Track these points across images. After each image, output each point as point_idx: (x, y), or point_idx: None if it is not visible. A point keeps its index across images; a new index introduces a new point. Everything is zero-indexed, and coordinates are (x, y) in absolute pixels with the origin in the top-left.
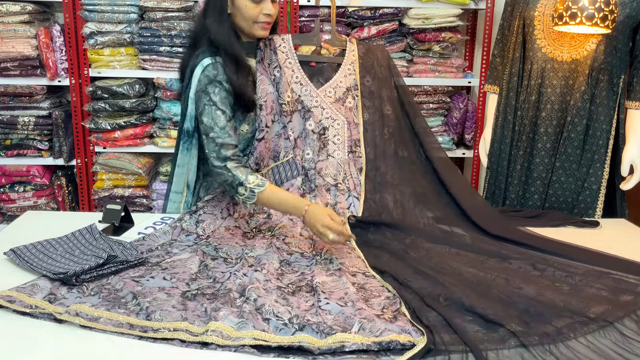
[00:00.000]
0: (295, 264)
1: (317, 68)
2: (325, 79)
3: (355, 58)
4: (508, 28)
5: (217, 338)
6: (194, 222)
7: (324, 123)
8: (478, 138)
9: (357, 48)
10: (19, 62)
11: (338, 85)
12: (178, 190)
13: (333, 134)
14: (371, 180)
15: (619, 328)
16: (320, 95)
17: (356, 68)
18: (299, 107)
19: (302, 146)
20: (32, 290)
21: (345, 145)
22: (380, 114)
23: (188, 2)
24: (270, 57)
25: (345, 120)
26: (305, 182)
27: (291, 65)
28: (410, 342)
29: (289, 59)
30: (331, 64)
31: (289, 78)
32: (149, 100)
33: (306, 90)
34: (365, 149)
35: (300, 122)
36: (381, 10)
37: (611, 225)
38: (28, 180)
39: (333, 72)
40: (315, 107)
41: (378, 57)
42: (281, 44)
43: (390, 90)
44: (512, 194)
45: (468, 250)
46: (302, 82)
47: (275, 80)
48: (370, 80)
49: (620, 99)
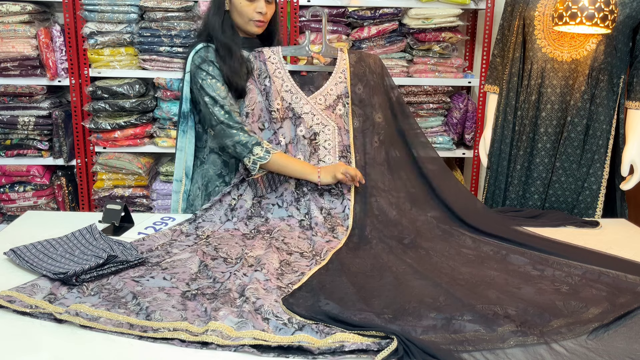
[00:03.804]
0: (295, 264)
1: (308, 77)
2: (316, 87)
3: (346, 66)
4: (508, 28)
5: (217, 338)
6: (194, 228)
7: (314, 129)
8: (478, 138)
9: (348, 57)
10: (19, 62)
11: (329, 93)
12: (178, 178)
13: (324, 139)
14: (362, 186)
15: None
16: (310, 103)
17: (347, 76)
18: (289, 115)
19: (294, 151)
20: (32, 290)
21: (337, 150)
22: (371, 122)
23: (188, 2)
24: (260, 68)
25: (336, 126)
26: (298, 187)
27: (281, 75)
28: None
29: (278, 69)
30: (322, 73)
31: (279, 87)
32: (149, 100)
33: (296, 97)
34: (355, 155)
35: (291, 128)
36: (381, 10)
37: (611, 225)
38: (28, 180)
39: (324, 80)
40: (305, 114)
41: (370, 65)
42: (271, 55)
43: (383, 98)
44: (512, 194)
45: (468, 250)
46: (292, 90)
47: (265, 90)
48: (362, 88)
49: (620, 99)
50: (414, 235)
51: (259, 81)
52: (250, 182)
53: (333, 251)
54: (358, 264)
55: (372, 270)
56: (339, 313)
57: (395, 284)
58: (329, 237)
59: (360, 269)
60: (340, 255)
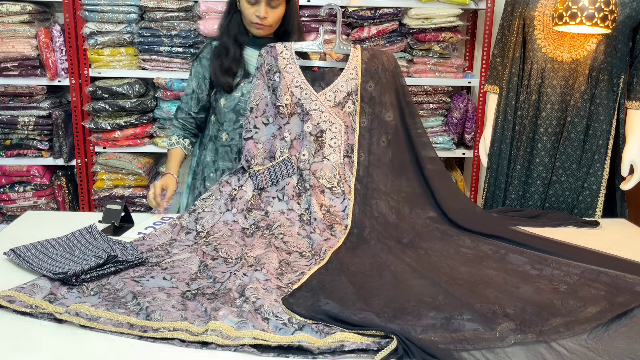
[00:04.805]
0: (295, 264)
1: (319, 72)
2: (327, 83)
3: (358, 63)
4: (508, 28)
5: (217, 338)
6: (193, 220)
7: (321, 126)
8: (478, 138)
9: (361, 54)
10: (19, 62)
11: (339, 90)
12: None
13: (330, 137)
14: (364, 187)
15: (617, 328)
16: (319, 99)
17: (359, 73)
18: (298, 110)
19: (299, 147)
20: (32, 290)
21: (342, 149)
22: (380, 120)
23: (188, 2)
24: (271, 64)
25: (343, 124)
26: (300, 182)
27: (292, 71)
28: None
29: (290, 64)
30: (333, 69)
31: (289, 82)
32: (149, 100)
33: (306, 94)
34: (359, 155)
35: (298, 124)
36: (381, 10)
37: (611, 225)
38: (28, 180)
39: (335, 76)
40: (314, 110)
41: (384, 62)
42: (283, 50)
43: (394, 96)
44: (512, 194)
45: (467, 249)
46: (302, 86)
47: (273, 85)
48: (373, 86)
49: (620, 99)
50: (413, 235)
51: (267, 76)
52: (251, 173)
53: (332, 250)
54: (357, 263)
55: (372, 269)
56: (338, 313)
57: (395, 283)
58: (327, 235)
59: (360, 269)
60: (340, 255)
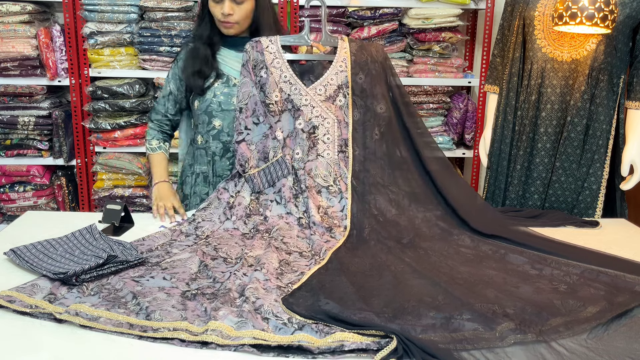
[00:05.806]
0: (295, 264)
1: (307, 66)
2: (316, 77)
3: (347, 55)
4: (508, 28)
5: (217, 337)
6: (193, 228)
7: (313, 122)
8: (478, 138)
9: (349, 45)
10: (19, 62)
11: (329, 83)
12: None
13: (323, 133)
14: (361, 182)
15: (617, 328)
16: (310, 94)
17: (348, 65)
18: (288, 107)
19: (292, 145)
20: (32, 290)
21: (335, 144)
22: (372, 113)
23: (188, 2)
24: (257, 59)
25: (336, 119)
26: (296, 183)
27: (279, 65)
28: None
29: (277, 59)
30: (322, 62)
31: (277, 78)
32: (149, 100)
33: (295, 89)
34: (354, 150)
35: (290, 121)
36: (381, 10)
37: (611, 225)
38: (28, 180)
39: (324, 69)
40: (304, 106)
41: (372, 54)
42: (269, 45)
43: (385, 88)
44: (512, 194)
45: (467, 249)
46: (291, 81)
47: (260, 81)
48: (363, 78)
49: (620, 99)
50: (413, 235)
51: (254, 72)
52: (247, 177)
53: (332, 250)
54: (357, 263)
55: (371, 269)
56: (338, 312)
57: (395, 283)
58: (327, 237)
59: (360, 269)
60: (339, 255)
